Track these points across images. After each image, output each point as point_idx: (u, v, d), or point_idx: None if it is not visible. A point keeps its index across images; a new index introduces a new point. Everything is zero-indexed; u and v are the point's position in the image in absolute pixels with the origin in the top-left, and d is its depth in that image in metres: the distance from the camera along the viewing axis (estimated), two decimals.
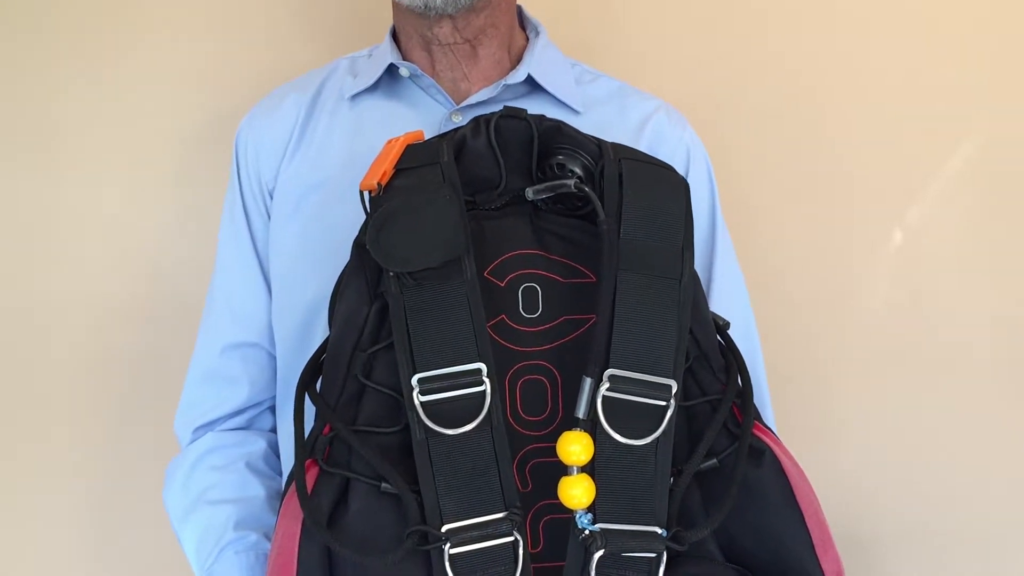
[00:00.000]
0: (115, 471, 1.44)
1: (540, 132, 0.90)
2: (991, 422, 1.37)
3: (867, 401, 1.32)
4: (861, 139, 1.38)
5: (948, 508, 1.38)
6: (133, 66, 1.41)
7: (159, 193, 1.42)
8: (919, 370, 1.38)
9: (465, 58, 1.12)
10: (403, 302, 0.85)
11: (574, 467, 0.82)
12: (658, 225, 0.86)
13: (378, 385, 0.87)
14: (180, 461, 1.16)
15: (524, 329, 0.89)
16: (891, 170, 1.39)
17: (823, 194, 1.37)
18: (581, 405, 0.83)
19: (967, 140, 1.38)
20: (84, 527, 1.45)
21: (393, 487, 0.83)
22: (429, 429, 0.83)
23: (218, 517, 1.11)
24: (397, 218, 0.83)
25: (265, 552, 1.11)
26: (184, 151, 1.42)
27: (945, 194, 1.38)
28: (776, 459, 0.88)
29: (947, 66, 1.39)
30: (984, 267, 1.37)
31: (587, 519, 0.81)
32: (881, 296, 1.39)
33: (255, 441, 1.17)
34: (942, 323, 1.38)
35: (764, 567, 0.86)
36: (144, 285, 1.43)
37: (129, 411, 1.43)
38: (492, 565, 0.82)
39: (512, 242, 0.91)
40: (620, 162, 0.88)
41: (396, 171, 0.88)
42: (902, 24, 1.39)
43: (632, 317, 0.84)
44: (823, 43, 1.40)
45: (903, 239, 1.39)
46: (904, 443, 1.36)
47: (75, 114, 1.42)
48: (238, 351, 1.15)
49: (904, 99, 1.39)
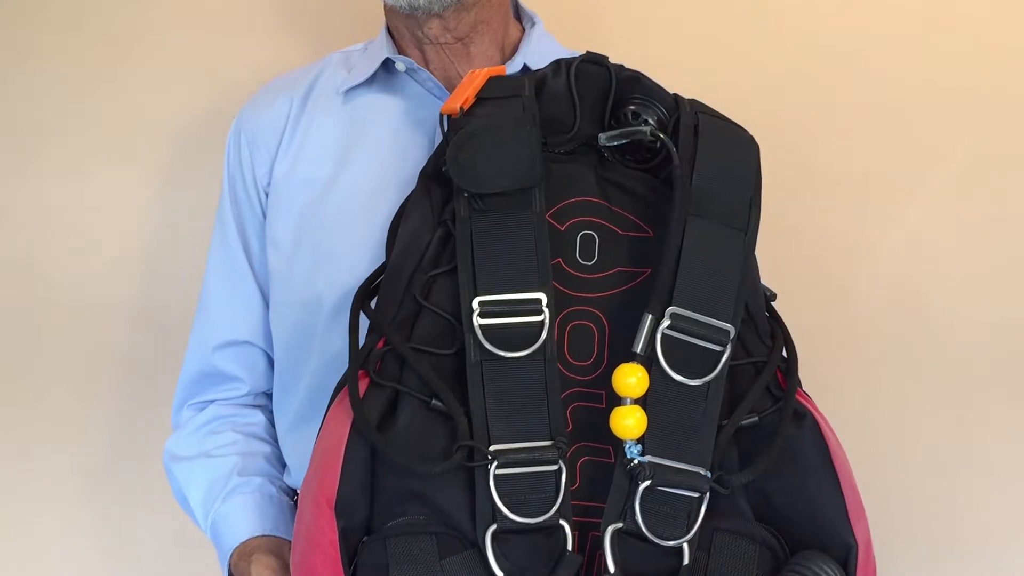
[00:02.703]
0: (115, 471, 1.44)
1: (618, 80, 0.92)
2: (991, 422, 1.38)
3: (867, 401, 1.32)
4: (861, 139, 1.39)
5: (948, 508, 1.39)
6: (131, 65, 1.42)
7: (158, 192, 1.43)
8: (919, 370, 1.39)
9: (458, 57, 1.11)
10: (470, 226, 0.86)
11: (627, 399, 0.83)
12: (729, 177, 0.88)
13: (435, 307, 0.88)
14: (179, 433, 1.17)
15: (578, 275, 0.90)
16: (891, 170, 1.39)
17: (823, 194, 1.38)
18: (639, 340, 0.84)
19: (968, 139, 1.39)
20: (84, 527, 1.45)
21: (443, 404, 0.84)
22: (485, 351, 0.84)
23: (222, 468, 1.11)
24: (478, 140, 0.85)
25: (270, 493, 1.11)
26: (182, 150, 1.42)
27: (945, 193, 1.39)
28: (816, 424, 0.89)
29: (947, 65, 1.39)
30: (984, 267, 1.39)
31: (636, 450, 0.82)
32: (881, 296, 1.39)
33: (254, 414, 1.18)
34: (942, 323, 1.38)
35: (796, 528, 0.87)
36: (144, 285, 1.43)
37: (129, 411, 1.44)
38: (534, 491, 0.82)
39: (576, 188, 0.92)
40: (696, 114, 0.90)
41: (478, 100, 0.89)
42: (901, 24, 1.40)
43: (698, 260, 0.85)
44: (823, 43, 1.40)
45: (903, 239, 1.39)
46: (904, 443, 1.37)
47: (74, 114, 1.42)
48: (230, 349, 1.16)
49: (904, 99, 1.40)
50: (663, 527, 0.82)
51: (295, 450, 1.13)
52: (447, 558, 0.82)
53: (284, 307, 1.12)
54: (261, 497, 1.10)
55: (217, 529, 1.08)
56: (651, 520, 0.81)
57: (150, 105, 1.42)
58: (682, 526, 0.83)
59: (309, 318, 1.08)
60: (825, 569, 0.83)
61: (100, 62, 1.42)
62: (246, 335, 1.16)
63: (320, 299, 1.07)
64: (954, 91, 1.39)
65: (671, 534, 0.82)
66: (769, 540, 0.87)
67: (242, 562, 1.03)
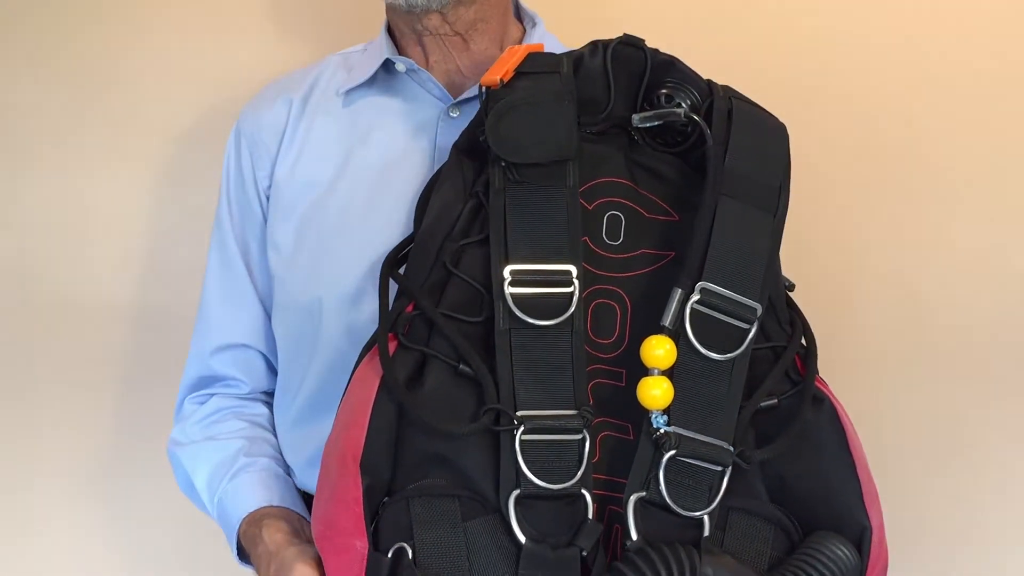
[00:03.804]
0: (116, 470, 1.44)
1: (653, 64, 0.94)
2: (991, 422, 1.38)
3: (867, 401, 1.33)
4: (862, 139, 1.40)
5: (948, 508, 1.39)
6: (132, 65, 1.42)
7: (158, 192, 1.43)
8: (919, 370, 1.39)
9: (457, 50, 1.11)
10: (504, 196, 0.88)
11: (655, 369, 0.84)
12: (760, 161, 0.90)
13: (464, 275, 0.88)
14: (183, 424, 1.18)
15: (604, 254, 0.92)
16: (891, 170, 1.40)
17: (823, 194, 1.37)
18: (668, 314, 0.85)
19: (968, 139, 1.39)
20: (84, 527, 1.44)
21: (471, 369, 0.84)
22: (515, 318, 0.85)
23: (228, 450, 1.12)
24: (519, 110, 0.87)
25: (276, 472, 1.11)
26: (182, 149, 1.43)
27: (946, 193, 1.40)
28: (834, 408, 0.91)
29: (947, 65, 1.39)
30: (985, 267, 1.39)
31: (662, 420, 0.83)
32: (881, 296, 1.40)
33: (257, 406, 1.18)
34: (942, 323, 1.39)
35: (811, 510, 0.88)
36: (144, 284, 1.43)
37: (130, 411, 1.44)
38: (558, 459, 0.83)
39: (605, 168, 0.93)
40: (730, 99, 0.92)
41: (517, 74, 0.91)
42: (902, 23, 1.41)
43: (728, 239, 0.87)
44: (823, 42, 1.41)
45: (903, 239, 1.40)
46: (904, 443, 1.38)
47: (74, 113, 1.43)
48: (227, 352, 1.17)
49: (905, 98, 1.40)
50: (685, 498, 0.83)
51: (293, 449, 1.13)
52: (469, 521, 0.82)
53: (285, 309, 1.12)
54: (268, 475, 1.10)
55: (224, 506, 1.08)
56: (674, 491, 0.82)
57: (151, 105, 1.42)
58: (703, 499, 0.83)
59: (309, 320, 1.09)
60: (840, 549, 0.84)
61: (101, 62, 1.43)
62: (243, 338, 1.16)
63: (320, 301, 1.08)
64: (955, 90, 1.39)
65: (692, 506, 0.83)
66: (784, 521, 0.88)
67: (252, 528, 1.03)
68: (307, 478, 1.11)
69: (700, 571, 0.78)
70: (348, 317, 1.06)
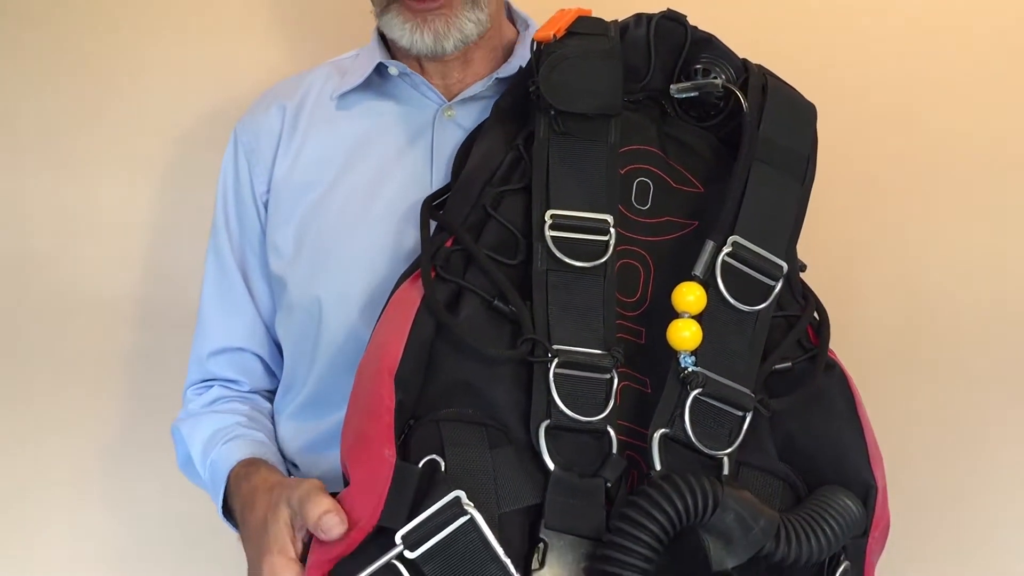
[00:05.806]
0: (116, 469, 1.44)
1: (693, 40, 0.99)
2: (991, 422, 1.40)
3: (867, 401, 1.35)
4: (862, 139, 1.41)
5: (948, 508, 1.41)
6: (133, 66, 1.44)
7: (160, 193, 1.45)
8: (919, 370, 1.41)
9: (457, 68, 1.13)
10: (548, 146, 0.92)
11: (686, 313, 0.87)
12: (792, 131, 0.95)
13: (502, 218, 0.92)
14: (186, 409, 1.19)
15: (632, 217, 0.95)
16: (891, 170, 1.42)
17: (823, 194, 1.38)
18: (700, 264, 0.89)
19: (968, 139, 1.41)
20: (83, 526, 1.44)
21: (508, 303, 0.87)
22: (553, 259, 0.88)
23: (227, 421, 1.13)
24: (570, 63, 0.92)
25: (272, 449, 1.12)
26: (183, 150, 1.44)
27: (946, 193, 1.41)
28: (844, 375, 0.95)
29: (947, 64, 1.41)
30: (985, 267, 1.41)
31: (690, 360, 0.86)
32: (881, 296, 1.41)
33: (257, 399, 1.20)
34: (942, 323, 1.41)
35: (819, 468, 0.91)
36: (145, 284, 1.45)
37: (129, 411, 1.44)
38: (588, 396, 0.86)
39: (638, 137, 0.98)
40: (764, 75, 0.97)
41: (568, 32, 0.95)
42: (902, 23, 1.43)
43: (759, 199, 0.91)
44: (823, 42, 1.43)
45: (903, 239, 1.42)
46: (904, 443, 1.37)
47: (75, 113, 1.44)
48: (224, 355, 1.19)
49: (905, 98, 1.42)
50: (707, 438, 0.86)
51: (286, 439, 1.15)
52: (495, 449, 0.84)
53: (287, 311, 1.14)
54: (261, 445, 1.11)
55: (215, 467, 1.08)
56: (698, 430, 0.85)
57: (151, 106, 1.44)
58: (724, 441, 0.86)
59: (310, 320, 1.10)
60: (846, 502, 0.87)
61: (101, 63, 1.44)
62: (239, 342, 1.18)
63: (320, 301, 1.09)
64: (955, 89, 1.41)
65: (714, 445, 0.86)
66: (791, 478, 0.90)
67: (246, 468, 1.04)
68: (298, 465, 1.13)
69: (722, 500, 0.80)
70: (348, 317, 1.08)
